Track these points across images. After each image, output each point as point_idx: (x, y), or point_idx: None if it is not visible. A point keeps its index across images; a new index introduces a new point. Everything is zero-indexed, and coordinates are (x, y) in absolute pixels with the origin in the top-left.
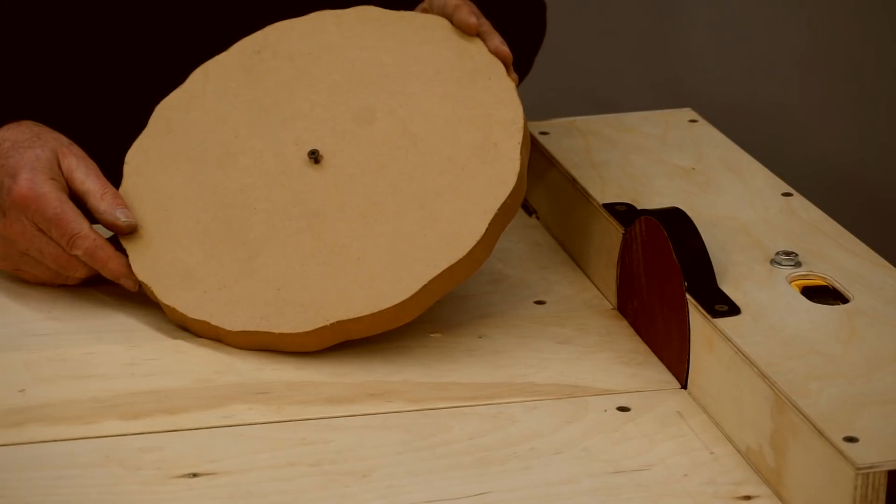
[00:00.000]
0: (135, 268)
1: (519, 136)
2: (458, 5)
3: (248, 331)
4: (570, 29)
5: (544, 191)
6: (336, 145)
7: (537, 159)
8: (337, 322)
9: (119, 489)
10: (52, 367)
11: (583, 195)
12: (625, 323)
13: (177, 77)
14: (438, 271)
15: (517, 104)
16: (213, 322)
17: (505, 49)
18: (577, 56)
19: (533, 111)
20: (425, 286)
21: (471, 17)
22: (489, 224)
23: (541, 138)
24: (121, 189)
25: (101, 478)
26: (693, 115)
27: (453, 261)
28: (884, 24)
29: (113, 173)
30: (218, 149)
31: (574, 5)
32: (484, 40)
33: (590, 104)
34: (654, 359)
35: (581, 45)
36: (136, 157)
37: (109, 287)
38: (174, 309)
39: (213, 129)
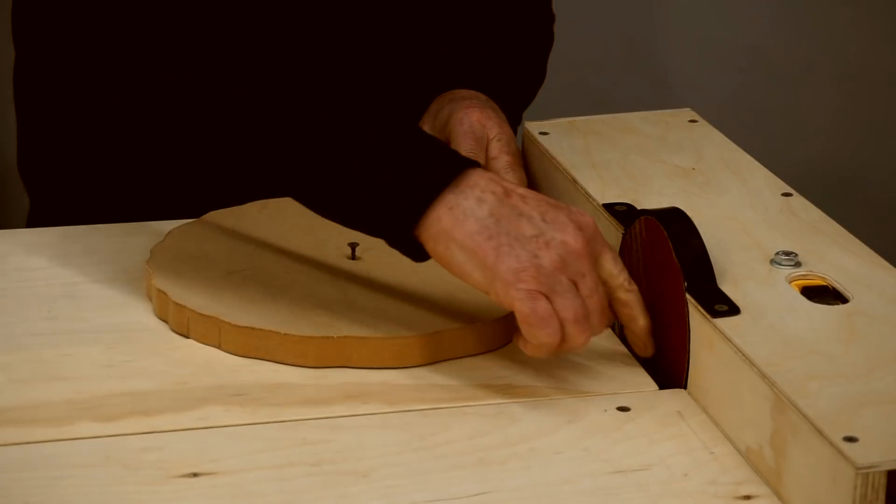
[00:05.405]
0: (156, 280)
1: None
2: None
3: (254, 328)
4: (570, 29)
5: (544, 191)
6: (378, 253)
7: (537, 159)
8: (343, 337)
9: (119, 489)
10: (28, 369)
11: (583, 195)
12: None
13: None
14: (453, 326)
15: None
16: (223, 318)
17: None
18: (577, 56)
19: (533, 111)
20: (436, 333)
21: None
22: (509, 314)
23: (541, 138)
24: (158, 245)
25: (101, 478)
26: (693, 115)
27: (468, 324)
28: (883, 25)
29: (130, 177)
30: (261, 237)
31: (574, 5)
32: None
33: (590, 104)
34: (654, 359)
35: (581, 45)
36: (180, 230)
37: (93, 287)
38: (183, 307)
39: (259, 228)
